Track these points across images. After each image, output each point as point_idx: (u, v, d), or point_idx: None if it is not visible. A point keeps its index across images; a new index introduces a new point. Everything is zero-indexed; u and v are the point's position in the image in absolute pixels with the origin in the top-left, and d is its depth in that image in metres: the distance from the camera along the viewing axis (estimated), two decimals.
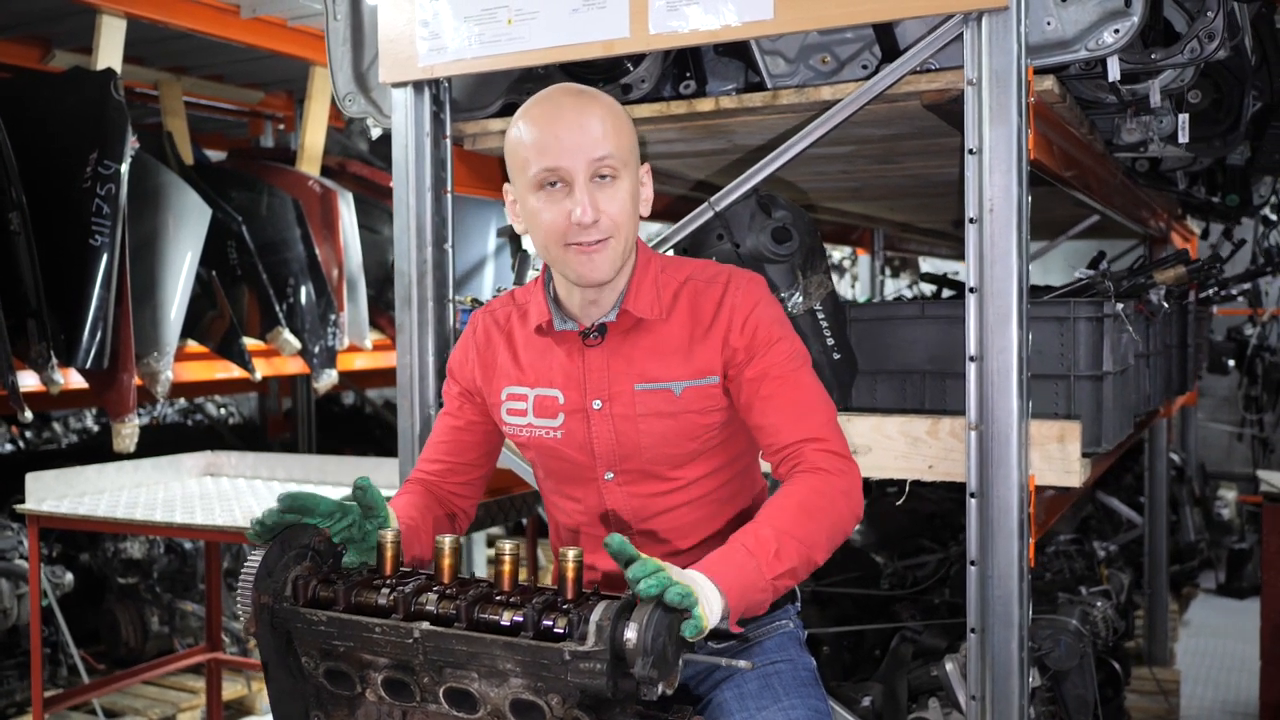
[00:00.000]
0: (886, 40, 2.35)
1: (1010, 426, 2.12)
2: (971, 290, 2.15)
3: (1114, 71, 2.25)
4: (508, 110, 2.70)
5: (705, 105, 2.50)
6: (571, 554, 1.56)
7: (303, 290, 4.92)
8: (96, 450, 4.31)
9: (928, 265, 8.40)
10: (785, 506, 1.73)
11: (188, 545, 4.98)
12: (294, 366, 5.05)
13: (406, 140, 2.66)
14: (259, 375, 4.66)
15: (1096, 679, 3.22)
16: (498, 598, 1.54)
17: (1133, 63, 2.35)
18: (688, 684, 2.00)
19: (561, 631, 1.47)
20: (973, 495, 2.16)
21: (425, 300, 2.67)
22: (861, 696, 2.60)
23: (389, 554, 1.66)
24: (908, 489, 2.38)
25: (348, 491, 3.48)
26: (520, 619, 1.49)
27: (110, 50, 4.28)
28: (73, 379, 3.94)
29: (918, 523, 4.36)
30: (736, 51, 2.55)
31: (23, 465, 4.23)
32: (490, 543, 7.50)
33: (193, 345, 4.53)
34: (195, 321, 4.54)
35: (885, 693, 2.66)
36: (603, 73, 2.60)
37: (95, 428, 7.52)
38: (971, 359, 2.15)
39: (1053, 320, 2.41)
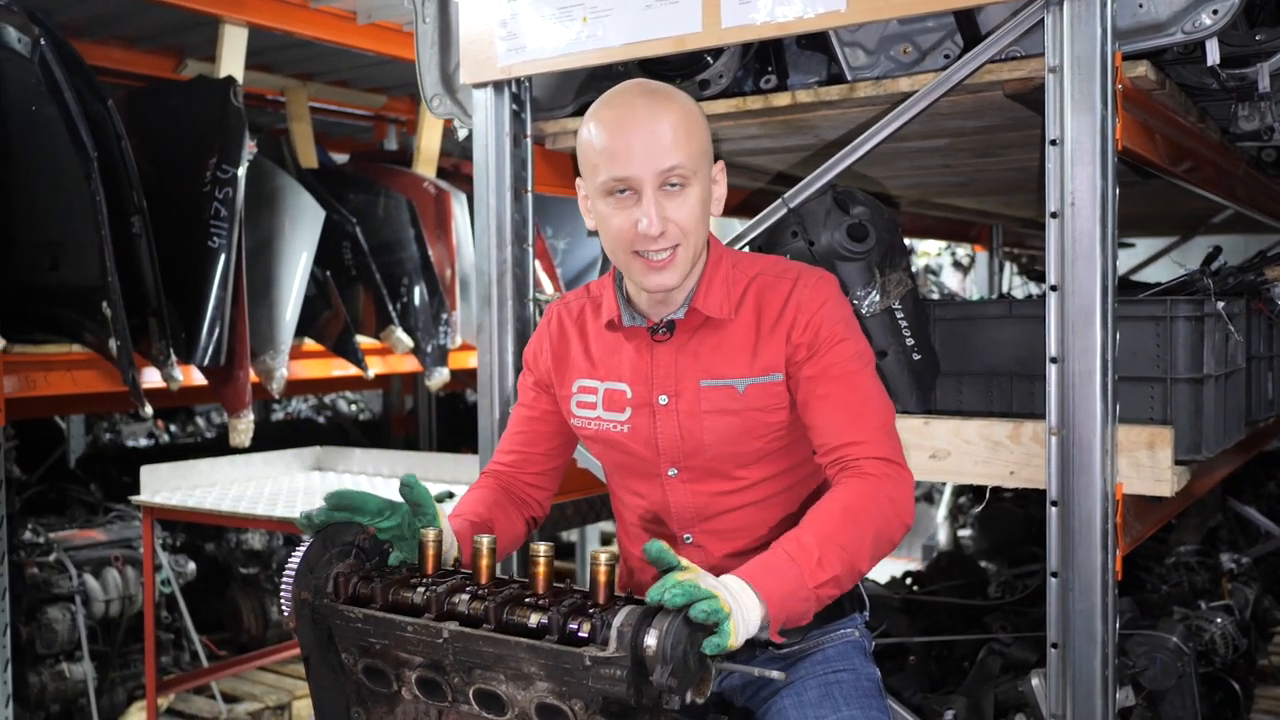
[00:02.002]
0: (969, 29, 2.26)
1: (1093, 431, 2.01)
2: (1053, 288, 2.05)
3: (1213, 55, 2.12)
4: (586, 108, 2.70)
5: (782, 100, 2.45)
6: (604, 557, 1.53)
7: (416, 290, 5.01)
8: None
9: None
10: (830, 512, 1.68)
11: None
12: (409, 365, 5.14)
13: (487, 140, 2.68)
14: (372, 373, 4.76)
15: (1214, 699, 3.05)
16: (527, 600, 1.52)
17: (1235, 45, 2.21)
18: (736, 692, 1.96)
19: (586, 636, 1.45)
20: (1054, 503, 2.06)
21: (505, 299, 2.69)
22: (944, 710, 2.50)
23: (430, 553, 1.67)
24: (988, 496, 2.29)
25: (441, 488, 3.53)
26: (546, 622, 1.47)
27: (232, 58, 4.42)
28: (193, 376, 4.09)
29: (1033, 529, 4.20)
30: (818, 44, 2.49)
31: (165, 458, 4.40)
32: (606, 541, 7.54)
33: (309, 344, 4.66)
34: (312, 320, 4.66)
35: (970, 706, 2.56)
36: (680, 68, 2.57)
37: None
38: (1052, 360, 2.05)
39: (1148, 320, 2.28)
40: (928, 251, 7.84)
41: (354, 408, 8.36)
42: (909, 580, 3.82)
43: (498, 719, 1.53)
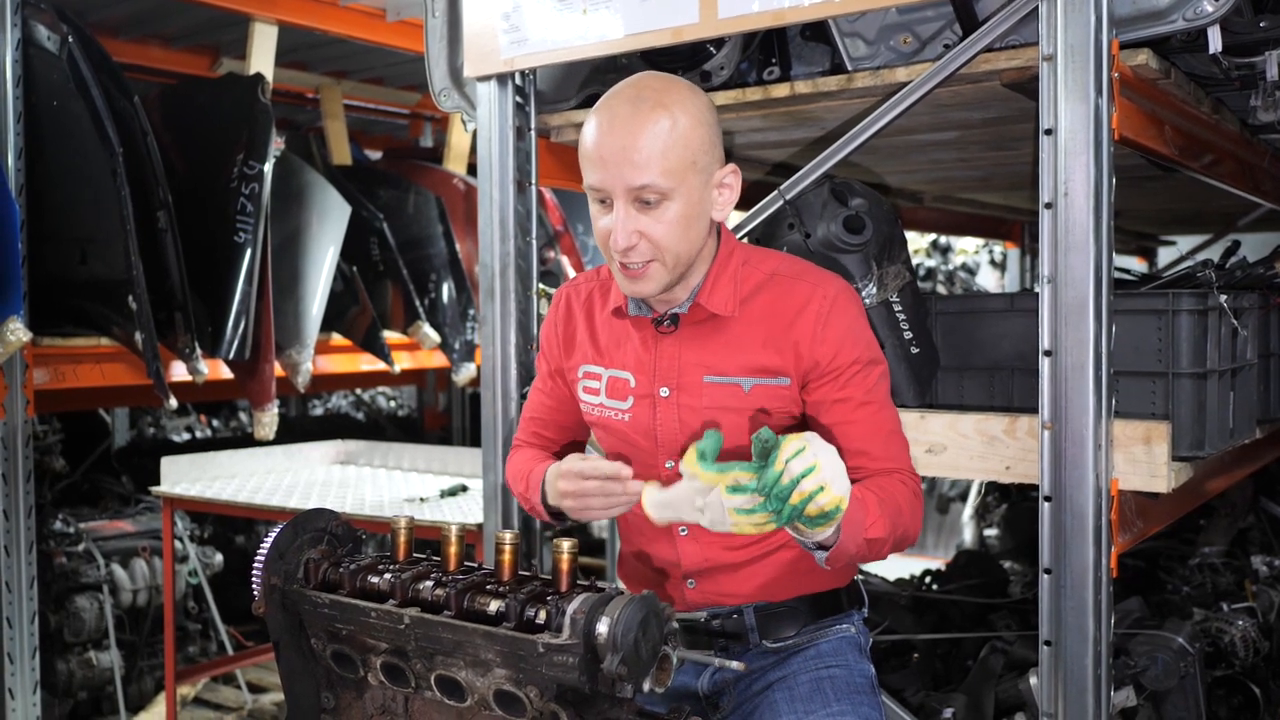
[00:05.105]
0: (967, 17, 2.23)
1: (1085, 426, 1.97)
2: (1047, 280, 2.02)
3: (1215, 43, 2.07)
4: (590, 101, 2.69)
5: (780, 91, 2.43)
6: (566, 545, 1.53)
7: (444, 286, 5.04)
8: (281, 438, 4.53)
9: None
10: (894, 495, 1.75)
11: None
12: (436, 360, 5.17)
13: (490, 133, 2.68)
14: (398, 368, 4.80)
15: (1232, 703, 2.98)
16: (489, 587, 1.52)
17: (1240, 32, 2.15)
18: (730, 686, 1.94)
19: (542, 623, 1.44)
20: (1047, 499, 2.03)
21: (508, 292, 2.69)
22: (943, 708, 2.47)
23: (402, 539, 1.67)
24: (982, 490, 2.25)
25: (457, 481, 3.54)
26: (504, 608, 1.47)
27: (262, 56, 4.47)
28: (220, 370, 4.13)
29: None
30: (821, 35, 2.47)
31: (202, 452, 4.45)
32: None
33: (337, 338, 4.70)
34: (340, 316, 4.70)
35: (970, 705, 2.53)
36: (684, 60, 2.56)
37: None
38: (1045, 353, 2.01)
39: (1150, 314, 2.23)
40: (965, 250, 7.74)
41: (392, 404, 8.43)
42: (928, 579, 3.78)
43: (459, 705, 1.53)
